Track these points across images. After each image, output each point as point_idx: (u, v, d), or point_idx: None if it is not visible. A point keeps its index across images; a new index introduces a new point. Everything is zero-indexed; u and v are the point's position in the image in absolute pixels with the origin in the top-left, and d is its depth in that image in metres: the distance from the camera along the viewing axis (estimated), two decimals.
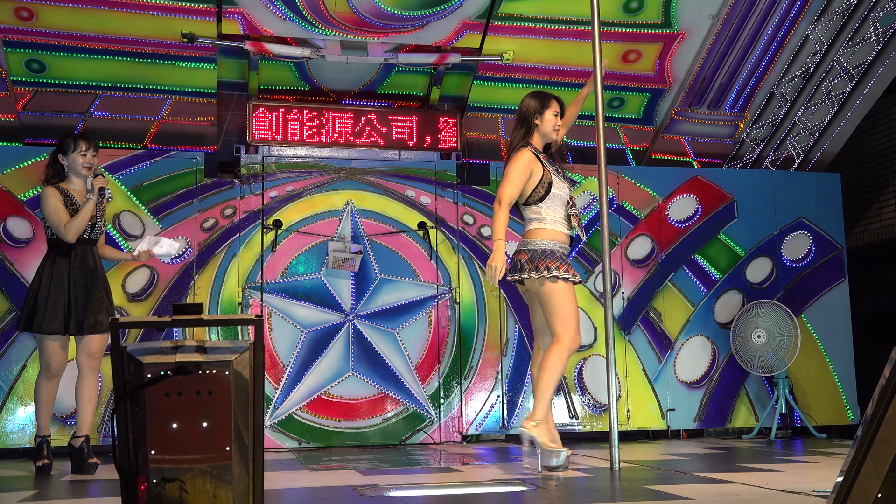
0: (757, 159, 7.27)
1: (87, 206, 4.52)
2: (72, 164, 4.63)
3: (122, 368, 2.17)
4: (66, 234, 4.48)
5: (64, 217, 4.51)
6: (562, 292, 4.15)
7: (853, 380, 6.81)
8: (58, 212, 4.51)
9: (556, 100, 4.43)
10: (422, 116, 6.62)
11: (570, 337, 4.14)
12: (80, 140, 4.65)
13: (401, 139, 6.55)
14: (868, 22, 6.27)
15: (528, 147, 4.32)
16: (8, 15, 5.86)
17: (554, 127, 4.38)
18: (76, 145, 4.62)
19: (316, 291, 6.19)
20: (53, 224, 4.51)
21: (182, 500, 2.13)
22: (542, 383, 4.15)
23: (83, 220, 4.51)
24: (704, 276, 6.74)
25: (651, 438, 6.58)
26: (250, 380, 2.22)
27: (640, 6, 6.36)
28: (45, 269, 4.52)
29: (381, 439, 6.14)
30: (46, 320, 4.42)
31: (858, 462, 1.71)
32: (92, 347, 4.57)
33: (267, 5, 6.07)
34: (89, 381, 4.59)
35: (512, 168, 4.27)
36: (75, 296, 4.48)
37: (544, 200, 4.25)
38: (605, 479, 3.93)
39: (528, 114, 4.38)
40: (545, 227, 4.24)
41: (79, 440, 4.51)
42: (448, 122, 6.64)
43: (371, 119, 6.53)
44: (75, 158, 4.62)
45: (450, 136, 6.62)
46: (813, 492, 3.28)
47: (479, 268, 6.44)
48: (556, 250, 4.20)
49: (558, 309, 4.15)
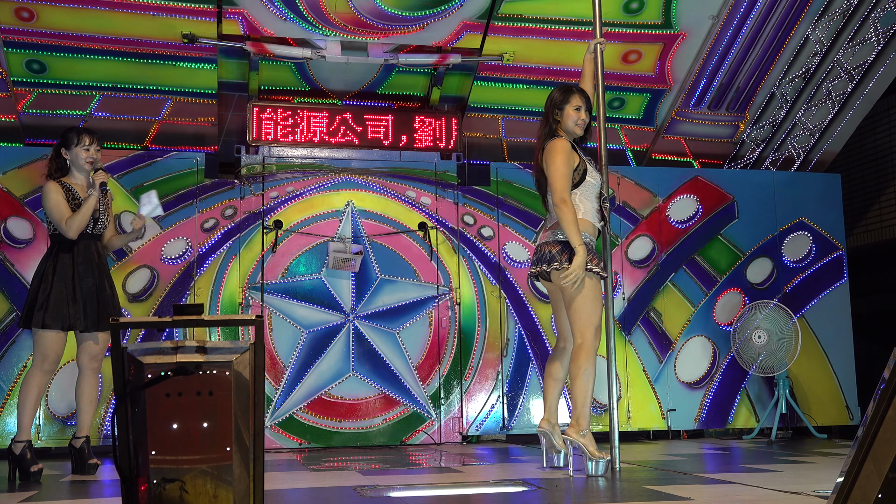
0: (757, 160, 7.27)
1: (90, 202, 4.46)
2: (74, 158, 4.58)
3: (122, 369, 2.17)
4: (68, 229, 4.42)
5: (66, 212, 4.45)
6: (589, 289, 4.05)
7: (853, 380, 6.81)
8: (59, 207, 4.45)
9: (579, 94, 4.27)
10: (422, 117, 6.62)
11: (594, 334, 4.06)
12: (83, 134, 4.59)
13: (401, 140, 6.55)
14: (868, 22, 6.27)
15: (562, 137, 4.21)
16: (8, 15, 5.86)
17: (576, 122, 4.24)
18: (79, 139, 4.57)
19: (316, 292, 6.19)
20: (55, 219, 4.45)
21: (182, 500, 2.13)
22: (578, 390, 4.03)
23: (85, 215, 4.45)
24: (705, 277, 6.73)
25: (651, 439, 6.58)
26: (251, 380, 2.22)
27: (640, 7, 6.36)
28: (47, 265, 4.45)
29: (382, 440, 6.14)
30: (50, 316, 4.34)
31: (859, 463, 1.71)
32: (94, 349, 4.54)
33: (267, 6, 6.07)
34: (91, 382, 4.56)
35: (556, 159, 4.08)
36: (82, 292, 4.42)
37: (578, 188, 4.14)
38: (605, 479, 3.92)
39: (548, 109, 4.27)
40: (579, 218, 4.09)
41: (80, 441, 4.48)
42: (448, 122, 6.64)
43: (371, 119, 6.53)
44: (78, 153, 4.57)
45: (450, 136, 6.61)
46: (813, 492, 3.28)
47: (479, 268, 6.44)
48: (587, 243, 4.07)
49: (585, 305, 4.04)
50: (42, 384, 4.43)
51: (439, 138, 6.59)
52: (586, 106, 4.28)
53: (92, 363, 4.55)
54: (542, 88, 6.81)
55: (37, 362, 4.42)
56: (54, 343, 4.41)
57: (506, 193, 6.56)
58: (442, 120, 6.63)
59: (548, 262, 4.09)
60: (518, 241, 6.51)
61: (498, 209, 6.53)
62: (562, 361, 4.29)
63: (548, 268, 4.08)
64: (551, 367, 4.32)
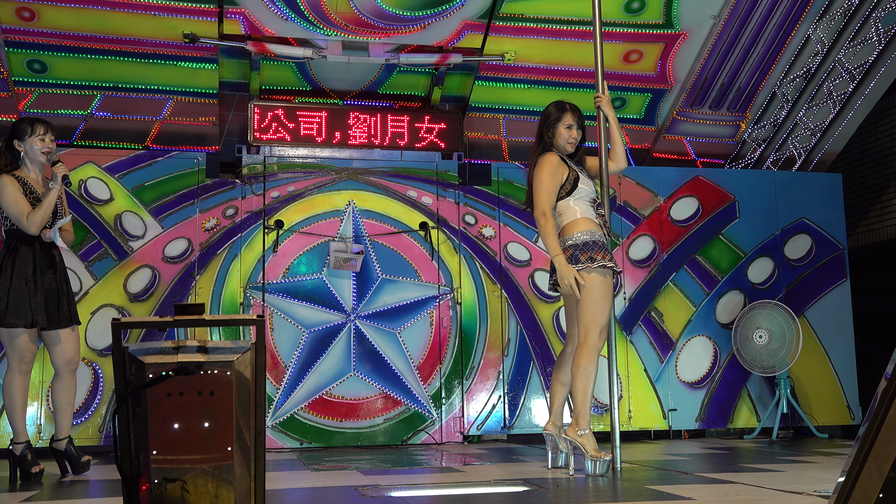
0: (758, 159, 7.26)
1: (51, 196, 4.29)
2: (29, 149, 4.39)
3: (123, 369, 2.17)
4: (30, 226, 4.26)
5: (25, 207, 4.27)
6: (600, 286, 4.07)
7: (855, 380, 6.80)
8: (18, 202, 4.27)
9: (570, 112, 4.33)
10: (423, 117, 6.62)
11: (599, 334, 4.07)
12: (37, 124, 4.41)
13: (402, 139, 6.55)
14: (869, 22, 6.26)
15: (552, 151, 4.29)
16: (9, 15, 5.86)
17: (567, 140, 4.31)
18: (34, 129, 4.39)
19: (317, 292, 6.20)
20: (14, 215, 4.27)
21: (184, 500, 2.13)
22: (578, 390, 4.05)
23: (47, 210, 4.29)
24: (706, 277, 6.73)
25: (652, 439, 6.58)
26: (252, 380, 2.22)
27: (641, 6, 6.36)
28: (5, 261, 4.25)
29: (383, 439, 6.14)
30: (12, 313, 4.18)
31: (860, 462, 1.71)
32: (66, 350, 4.37)
33: (268, 5, 6.07)
34: (68, 384, 4.40)
35: (541, 174, 4.20)
36: (45, 288, 4.27)
37: (571, 195, 4.21)
38: (606, 479, 3.92)
39: (542, 126, 4.34)
40: (578, 218, 4.18)
41: (62, 443, 4.37)
42: (449, 122, 6.64)
43: (372, 119, 6.53)
44: (33, 143, 4.38)
45: (451, 136, 6.61)
46: (814, 492, 3.28)
47: (480, 268, 6.44)
48: (596, 240, 4.13)
49: (594, 303, 4.07)
50: (24, 386, 4.30)
51: (440, 138, 6.59)
52: (578, 124, 4.33)
53: (69, 365, 4.39)
54: (543, 88, 6.81)
55: (13, 364, 4.28)
56: (26, 344, 4.26)
57: (507, 193, 6.56)
58: (443, 120, 6.63)
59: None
60: (519, 240, 6.51)
61: (499, 209, 6.53)
62: (569, 367, 4.30)
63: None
64: (559, 372, 4.34)
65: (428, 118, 6.61)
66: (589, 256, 4.07)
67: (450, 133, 6.62)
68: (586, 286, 4.06)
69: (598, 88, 4.52)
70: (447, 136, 6.61)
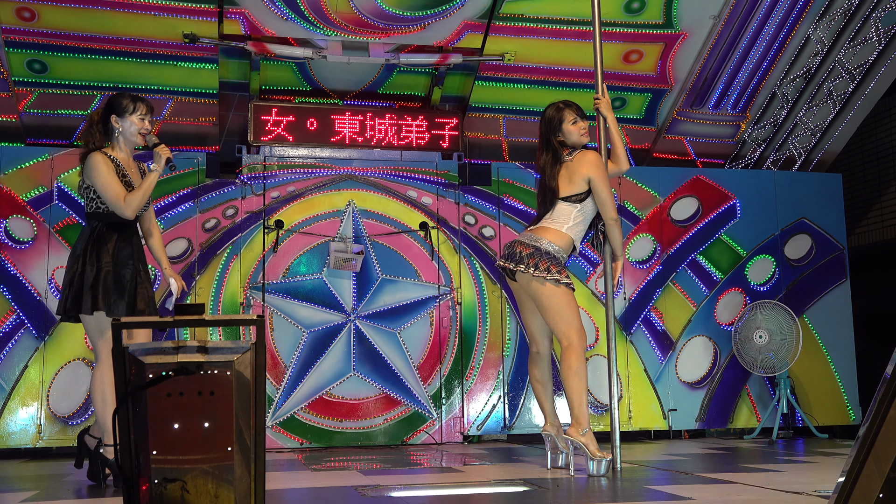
0: (758, 159, 7.26)
1: (151, 179, 3.96)
2: (126, 128, 4.04)
3: (123, 369, 2.17)
4: (126, 208, 3.90)
5: (120, 190, 3.92)
6: (562, 295, 4.11)
7: (855, 380, 6.80)
8: (112, 183, 3.91)
9: (568, 108, 4.33)
10: (423, 117, 6.62)
11: (579, 335, 4.10)
12: (139, 102, 4.05)
13: (402, 139, 6.55)
14: (870, 22, 6.26)
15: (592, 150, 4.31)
16: (9, 15, 5.86)
17: (579, 134, 4.29)
18: (136, 107, 4.03)
19: (317, 292, 6.20)
20: (109, 197, 3.90)
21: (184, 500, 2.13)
22: (574, 391, 4.08)
23: (146, 193, 3.95)
24: (706, 277, 6.73)
25: (652, 439, 6.58)
26: (252, 380, 2.22)
27: (641, 6, 6.36)
28: (102, 246, 3.90)
29: (383, 440, 6.14)
30: (117, 300, 3.84)
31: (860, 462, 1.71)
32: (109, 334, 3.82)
33: (268, 6, 6.07)
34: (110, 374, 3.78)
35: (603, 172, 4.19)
36: (126, 278, 3.90)
37: (584, 202, 4.20)
38: (606, 479, 3.92)
39: (546, 132, 4.31)
40: (561, 231, 4.17)
41: (93, 441, 3.99)
42: (449, 122, 6.64)
43: (372, 119, 6.53)
44: (133, 122, 4.03)
45: (451, 136, 6.62)
46: (815, 492, 3.28)
47: (480, 268, 6.44)
48: (560, 258, 4.14)
49: (562, 310, 4.11)
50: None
51: (440, 138, 6.60)
52: (580, 115, 4.33)
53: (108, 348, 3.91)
54: (544, 88, 6.81)
55: (105, 357, 3.86)
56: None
57: (507, 193, 6.56)
58: (443, 120, 6.64)
59: (515, 262, 4.15)
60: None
61: (499, 209, 6.53)
62: (538, 365, 4.37)
63: (514, 266, 4.15)
64: (533, 371, 4.39)
65: (428, 118, 6.61)
66: (547, 267, 4.09)
67: (449, 133, 6.62)
68: (547, 296, 4.10)
69: (598, 90, 4.52)
70: (447, 136, 6.61)
